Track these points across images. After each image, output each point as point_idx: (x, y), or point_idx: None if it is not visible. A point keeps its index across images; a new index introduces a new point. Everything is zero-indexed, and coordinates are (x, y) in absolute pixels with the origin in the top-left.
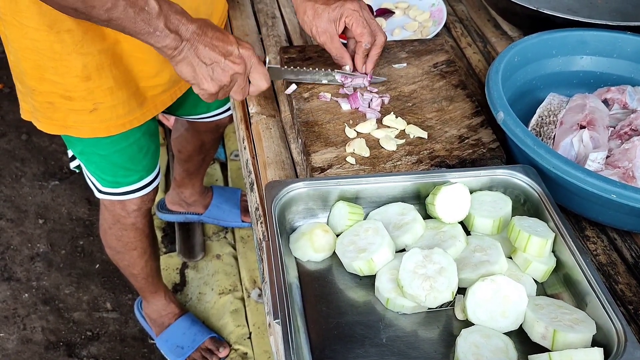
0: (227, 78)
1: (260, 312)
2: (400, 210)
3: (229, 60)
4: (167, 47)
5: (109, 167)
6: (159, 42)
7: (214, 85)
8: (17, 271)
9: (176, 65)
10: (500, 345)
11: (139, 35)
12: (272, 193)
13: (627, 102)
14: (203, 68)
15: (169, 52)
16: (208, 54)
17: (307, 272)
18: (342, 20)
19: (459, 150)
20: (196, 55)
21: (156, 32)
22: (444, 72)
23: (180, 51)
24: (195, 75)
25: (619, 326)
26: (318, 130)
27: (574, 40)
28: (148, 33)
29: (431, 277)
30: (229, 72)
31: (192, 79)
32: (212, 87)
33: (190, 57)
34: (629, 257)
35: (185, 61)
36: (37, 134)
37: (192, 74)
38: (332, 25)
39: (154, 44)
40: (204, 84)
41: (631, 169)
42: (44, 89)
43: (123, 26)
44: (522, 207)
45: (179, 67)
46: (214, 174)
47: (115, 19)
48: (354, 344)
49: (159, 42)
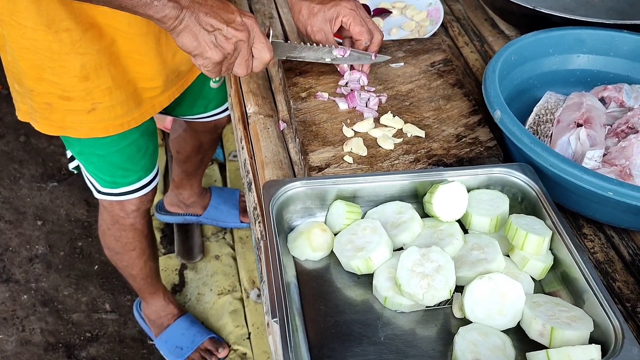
0: (230, 45)
1: (259, 312)
2: (398, 209)
3: (232, 27)
4: (167, 17)
5: (108, 168)
6: (158, 13)
7: (217, 52)
8: (16, 273)
9: (177, 37)
10: (498, 343)
11: (136, 8)
12: (270, 192)
13: (623, 100)
14: (205, 35)
15: (170, 23)
16: (210, 20)
17: (305, 271)
18: (338, 20)
19: (457, 148)
20: (197, 22)
21: (154, 2)
22: (441, 71)
23: (180, 20)
24: (198, 45)
25: (616, 323)
26: (315, 130)
27: (571, 38)
28: (146, 4)
29: (429, 276)
30: (233, 39)
31: (194, 49)
32: (216, 55)
33: (191, 25)
34: (626, 254)
35: (187, 30)
36: (36, 136)
37: (195, 44)
38: (328, 24)
39: (153, 15)
40: (207, 52)
41: (628, 166)
42: (42, 90)
43: (119, 2)
44: (519, 205)
45: (181, 38)
46: (212, 174)
47: None
48: (352, 343)
49: (158, 12)
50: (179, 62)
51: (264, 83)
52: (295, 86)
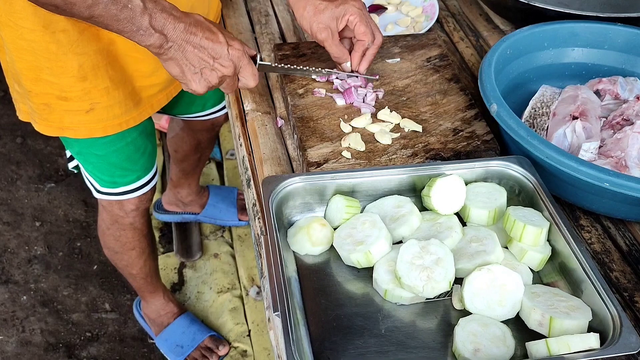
0: (215, 80)
1: (259, 309)
2: (397, 202)
3: (218, 63)
4: (152, 46)
5: (107, 167)
6: (143, 41)
7: (202, 86)
8: (15, 274)
9: (164, 63)
10: (497, 334)
11: (122, 33)
12: (269, 188)
13: (618, 93)
14: (191, 70)
15: (155, 51)
16: (196, 56)
17: (305, 265)
18: (345, 18)
19: (454, 142)
20: (184, 57)
21: (140, 30)
22: (437, 66)
23: (167, 50)
24: (184, 76)
25: (614, 312)
26: (313, 126)
27: (565, 32)
28: (132, 31)
29: (428, 268)
30: (218, 74)
31: (180, 79)
32: (200, 88)
33: (178, 58)
34: (623, 244)
35: (174, 61)
36: (32, 137)
37: (180, 74)
38: (334, 22)
39: (139, 42)
40: (192, 85)
41: (624, 158)
42: (39, 90)
43: (106, 24)
44: (516, 198)
45: (167, 65)
46: (210, 173)
47: (97, 16)
48: (353, 336)
49: (144, 41)
50: None
51: (261, 80)
52: (293, 83)
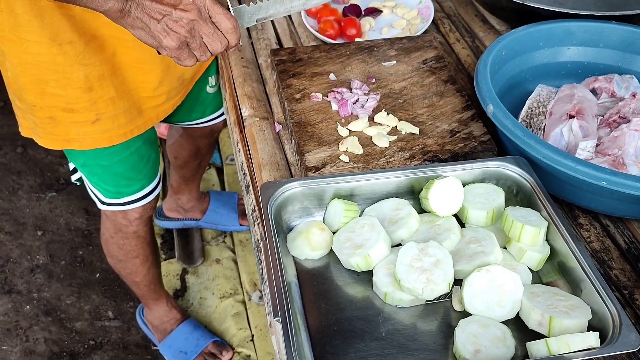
0: (184, 29)
1: (261, 314)
2: (395, 205)
3: (179, 9)
4: (112, 10)
5: (111, 178)
6: (101, 6)
7: (173, 39)
8: (18, 283)
9: (132, 31)
10: (498, 334)
11: (79, 1)
12: (268, 194)
13: (614, 91)
14: (156, 25)
15: (116, 16)
16: (155, 7)
17: (305, 270)
18: None
19: (451, 144)
20: (144, 12)
21: None
22: (434, 68)
23: (127, 12)
24: (152, 36)
25: (613, 310)
26: (311, 130)
27: (560, 31)
28: None
29: (427, 270)
30: (184, 22)
31: (152, 42)
32: (172, 41)
33: (139, 15)
34: (622, 242)
35: (137, 22)
36: (33, 147)
37: (148, 35)
38: None
39: (97, 8)
40: (163, 41)
41: (621, 156)
42: (44, 104)
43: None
44: (514, 198)
45: (135, 32)
46: (210, 179)
47: None
48: (354, 339)
49: (102, 5)
50: (181, 69)
51: (258, 86)
52: (290, 88)
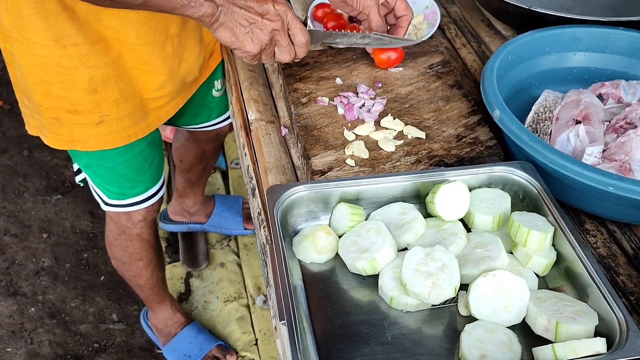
0: (266, 37)
1: (265, 318)
2: (401, 209)
3: (266, 18)
4: (205, 16)
5: (115, 179)
6: (196, 13)
7: (255, 45)
8: (23, 286)
9: (215, 32)
10: (504, 339)
11: (175, 10)
12: (274, 197)
13: (621, 96)
14: (242, 30)
15: (207, 20)
16: (244, 15)
17: (311, 274)
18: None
19: (457, 149)
20: (233, 18)
21: (191, 3)
22: (440, 73)
23: (217, 17)
24: (236, 40)
25: (620, 316)
26: (317, 134)
27: (567, 37)
28: (183, 6)
29: (433, 275)
30: (268, 30)
31: (232, 43)
32: (254, 47)
33: (227, 21)
34: (628, 248)
35: (224, 26)
36: (39, 150)
37: (233, 38)
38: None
39: (192, 15)
40: (245, 46)
41: (628, 161)
42: (49, 105)
43: (159, 5)
44: (521, 203)
45: (218, 33)
46: (215, 182)
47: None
48: (360, 343)
49: (196, 12)
50: (185, 71)
51: (264, 90)
52: (296, 92)
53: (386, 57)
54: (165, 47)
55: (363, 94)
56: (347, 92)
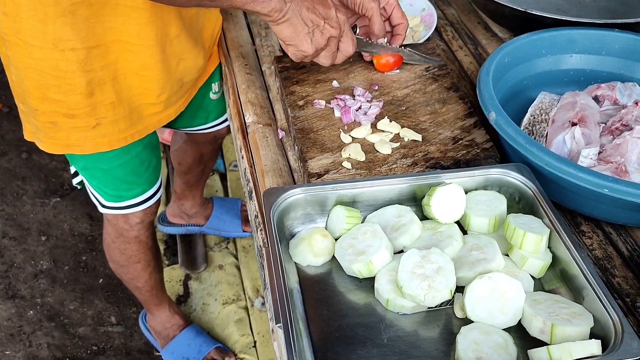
0: (324, 41)
1: (264, 320)
2: (397, 212)
3: (328, 23)
4: (273, 11)
5: (112, 182)
6: (265, 8)
7: (312, 47)
8: (22, 288)
9: (277, 27)
10: (499, 341)
11: (246, 5)
12: (271, 200)
13: (617, 98)
14: (305, 30)
15: (275, 15)
16: (310, 16)
17: (307, 276)
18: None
19: (453, 151)
20: (300, 16)
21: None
22: (436, 76)
23: (284, 13)
24: (296, 36)
25: (615, 318)
26: (314, 137)
27: (563, 39)
28: (254, 1)
29: (429, 277)
30: (327, 35)
31: (291, 40)
32: (310, 48)
33: (293, 18)
34: (624, 250)
35: (288, 22)
36: (37, 152)
37: (293, 35)
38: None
39: (260, 10)
40: (303, 45)
41: (624, 163)
42: (46, 109)
43: (232, 1)
44: (517, 205)
45: (280, 27)
46: (213, 185)
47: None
48: (356, 346)
49: (265, 7)
50: (182, 71)
51: (261, 93)
52: (293, 95)
53: (385, 60)
54: (164, 49)
55: (360, 96)
56: (343, 95)
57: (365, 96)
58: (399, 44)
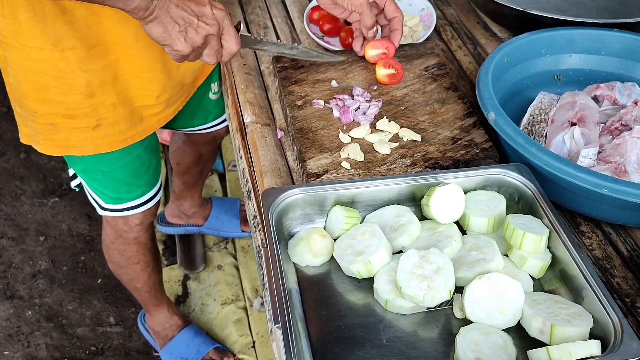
0: (200, 39)
1: (263, 320)
2: (396, 212)
3: (202, 21)
4: (138, 9)
5: (112, 183)
6: (128, 5)
7: (187, 46)
8: (20, 289)
9: (146, 26)
10: (499, 342)
11: (106, 2)
12: (269, 200)
13: (616, 98)
14: (176, 29)
15: (140, 14)
16: (181, 14)
17: (306, 277)
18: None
19: (452, 151)
20: (168, 14)
21: None
22: (435, 75)
23: (151, 11)
24: (168, 36)
25: (615, 319)
26: (312, 137)
27: (562, 39)
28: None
29: (428, 277)
30: (202, 33)
31: (163, 40)
32: (185, 48)
33: (162, 16)
34: (624, 250)
35: (157, 21)
36: (36, 152)
37: (164, 35)
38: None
39: (123, 7)
40: (177, 45)
41: (623, 163)
42: (45, 111)
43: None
44: (516, 205)
45: (150, 27)
46: (212, 185)
47: None
48: (355, 346)
49: (128, 4)
50: (183, 72)
51: (260, 93)
52: (292, 95)
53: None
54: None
55: (358, 96)
56: (342, 95)
57: (364, 96)
58: (399, 39)
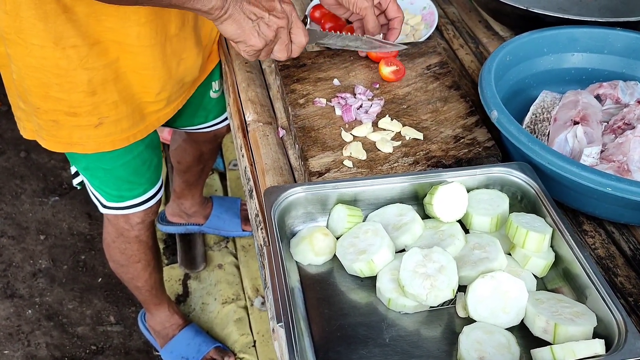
0: (272, 33)
1: (263, 320)
2: (399, 211)
3: (273, 15)
4: (214, 9)
5: (114, 181)
6: (205, 6)
7: (260, 40)
8: (20, 288)
9: (221, 25)
10: (502, 341)
11: (185, 4)
12: (271, 199)
13: (619, 97)
14: (249, 24)
15: (216, 13)
16: (253, 9)
17: (308, 275)
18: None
19: (455, 150)
20: (242, 11)
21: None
22: (438, 74)
23: (226, 10)
24: (242, 33)
25: (619, 318)
26: (315, 135)
27: (565, 38)
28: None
29: (431, 276)
30: (274, 27)
31: (238, 37)
32: (259, 42)
33: (235, 14)
34: (627, 249)
35: (231, 19)
36: (36, 151)
37: (239, 32)
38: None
39: (201, 8)
40: (251, 40)
41: (626, 162)
42: (48, 107)
43: (169, 0)
44: (519, 204)
45: (224, 26)
46: (213, 184)
47: None
48: (358, 345)
49: (206, 5)
50: (183, 71)
51: (262, 91)
52: (293, 93)
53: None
54: (165, 49)
55: (361, 95)
56: (344, 93)
57: (366, 94)
58: (395, 38)
